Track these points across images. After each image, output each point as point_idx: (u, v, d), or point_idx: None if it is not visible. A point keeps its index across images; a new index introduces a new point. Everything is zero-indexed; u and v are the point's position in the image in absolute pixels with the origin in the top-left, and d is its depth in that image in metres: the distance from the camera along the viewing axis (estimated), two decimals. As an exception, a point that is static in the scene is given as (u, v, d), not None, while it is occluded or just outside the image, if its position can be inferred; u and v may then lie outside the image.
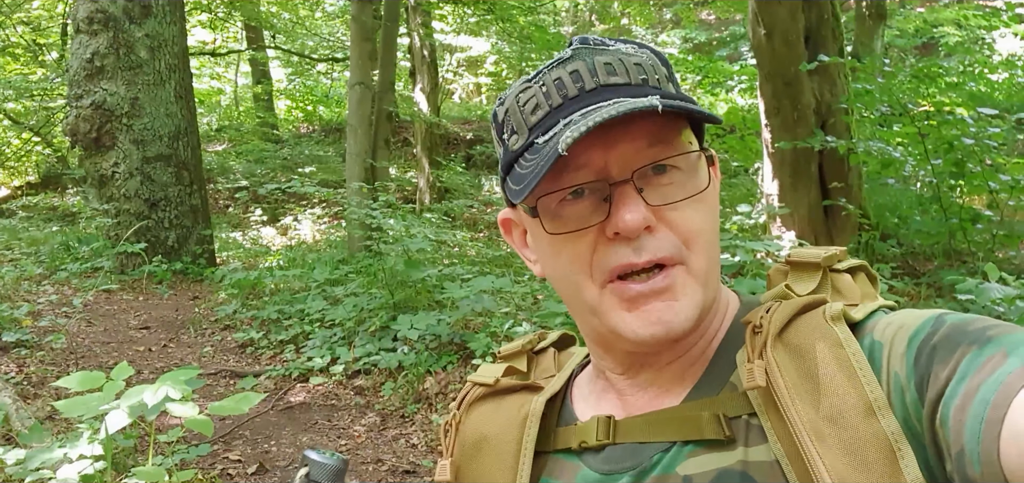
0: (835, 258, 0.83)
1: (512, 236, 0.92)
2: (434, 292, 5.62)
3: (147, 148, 8.42)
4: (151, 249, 8.29)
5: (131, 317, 6.90)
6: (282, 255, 9.02)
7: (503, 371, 0.95)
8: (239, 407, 2.64)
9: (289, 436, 4.35)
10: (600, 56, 0.79)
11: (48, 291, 7.48)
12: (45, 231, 10.68)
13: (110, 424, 2.55)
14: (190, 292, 7.91)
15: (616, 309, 0.78)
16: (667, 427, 0.79)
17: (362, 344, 5.22)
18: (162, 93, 8.51)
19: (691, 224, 0.78)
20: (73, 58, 8.50)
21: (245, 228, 11.92)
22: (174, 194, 8.58)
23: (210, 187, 13.11)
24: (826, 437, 0.68)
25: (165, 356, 5.89)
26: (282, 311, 6.25)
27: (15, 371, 5.23)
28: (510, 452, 0.87)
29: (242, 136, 16.48)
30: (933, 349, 0.66)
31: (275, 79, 18.54)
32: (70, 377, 2.56)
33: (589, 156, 0.76)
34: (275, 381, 5.15)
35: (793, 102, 6.01)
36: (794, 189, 6.24)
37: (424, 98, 12.37)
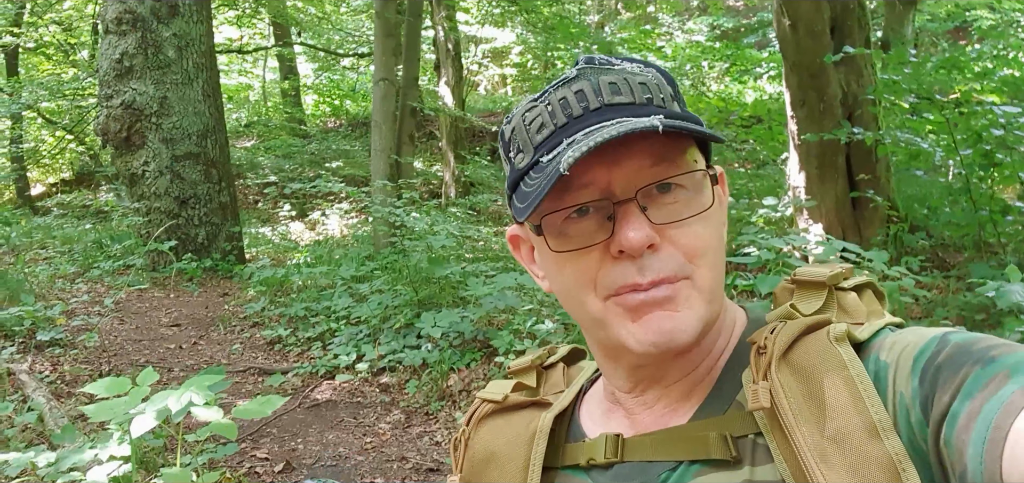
0: (841, 276, 0.82)
1: (520, 252, 0.93)
2: (458, 289, 5.64)
3: (176, 147, 8.53)
4: (181, 247, 8.41)
5: (162, 315, 7.01)
6: (309, 251, 9.10)
7: (512, 387, 0.96)
8: (262, 410, 2.68)
9: (316, 434, 4.40)
10: (605, 76, 0.80)
11: (81, 289, 7.62)
12: (78, 229, 10.87)
13: (135, 429, 2.61)
14: (220, 289, 8.02)
15: (620, 319, 0.78)
16: (675, 446, 0.80)
17: (387, 341, 5.27)
18: (190, 92, 8.62)
19: (696, 241, 0.78)
20: (102, 58, 8.63)
21: (274, 223, 12.05)
22: (203, 192, 8.69)
23: (239, 183, 13.26)
24: (830, 458, 0.68)
25: (195, 353, 5.98)
26: (309, 308, 6.32)
27: (49, 370, 5.35)
28: (519, 468, 0.88)
29: (270, 131, 16.63)
30: (937, 369, 0.66)
31: (302, 74, 18.67)
32: (97, 383, 2.62)
33: (593, 175, 0.77)
34: (302, 378, 5.21)
35: (819, 93, 5.93)
36: (821, 181, 6.17)
37: (449, 91, 12.39)
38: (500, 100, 17.88)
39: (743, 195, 7.96)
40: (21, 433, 4.14)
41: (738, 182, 8.87)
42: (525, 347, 4.56)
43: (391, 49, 8.73)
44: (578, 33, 13.38)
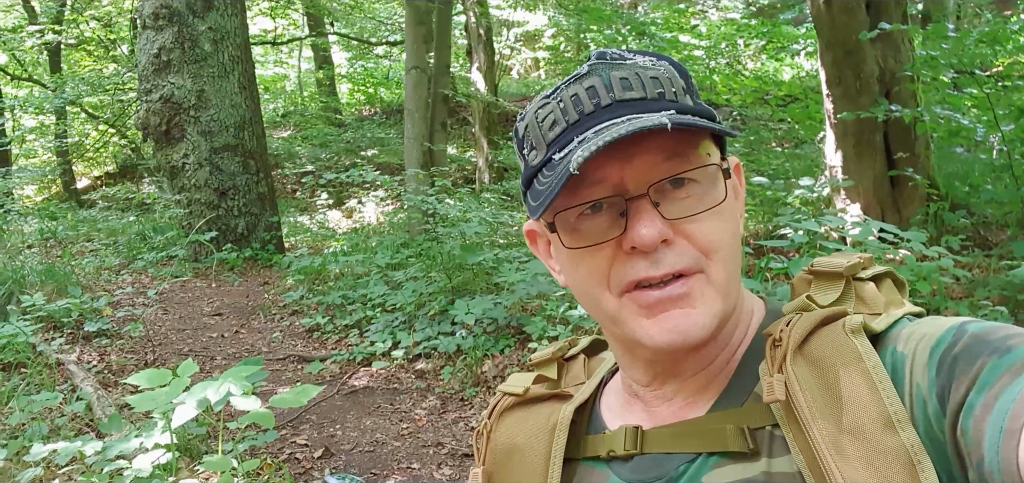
0: (858, 266, 0.82)
1: (537, 247, 0.93)
2: (491, 275, 5.68)
3: (214, 139, 8.67)
4: (222, 237, 8.57)
5: (204, 304, 7.16)
6: (345, 240, 9.21)
7: (533, 380, 0.97)
8: (298, 399, 2.74)
9: (354, 420, 4.48)
10: (616, 71, 0.80)
11: (126, 281, 7.81)
12: (123, 221, 11.12)
13: (177, 418, 2.69)
14: (260, 278, 8.16)
15: (635, 316, 0.79)
16: (692, 438, 0.80)
17: (422, 328, 5.33)
18: (226, 84, 8.75)
19: (710, 236, 0.78)
20: (141, 54, 8.80)
21: (312, 212, 12.20)
22: (242, 183, 8.83)
23: (277, 172, 13.43)
24: (846, 450, 0.69)
25: (237, 342, 6.11)
26: (346, 296, 6.41)
27: (97, 360, 5.50)
28: (540, 460, 0.89)
29: (307, 121, 16.80)
30: (954, 359, 0.66)
31: (336, 63, 18.81)
32: (140, 374, 2.70)
33: (605, 172, 0.77)
34: (340, 365, 5.30)
35: (855, 71, 5.83)
36: (858, 160, 6.07)
37: (481, 77, 12.39)
38: (533, 84, 17.83)
39: (780, 175, 7.86)
40: (70, 422, 4.27)
41: (774, 162, 8.76)
42: (558, 333, 4.58)
43: (422, 37, 8.76)
44: (611, 14, 13.27)
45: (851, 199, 6.14)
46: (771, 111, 9.04)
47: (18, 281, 6.50)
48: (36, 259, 7.86)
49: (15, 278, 6.51)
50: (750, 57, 16.56)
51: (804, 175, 7.24)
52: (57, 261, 7.83)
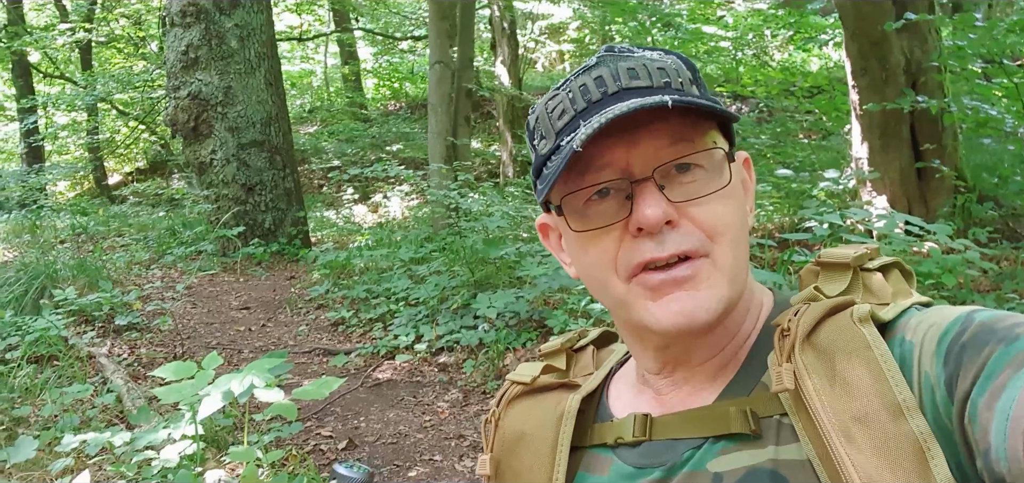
0: (865, 257, 0.83)
1: (549, 240, 0.95)
2: (514, 269, 5.70)
3: (241, 135, 8.78)
4: (249, 232, 8.68)
5: (232, 298, 7.26)
6: (370, 234, 9.28)
7: (541, 370, 0.99)
8: (320, 392, 2.79)
9: (377, 412, 4.53)
10: (624, 62, 0.82)
11: (156, 275, 7.94)
12: (153, 216, 11.29)
13: (203, 410, 2.74)
14: (287, 272, 8.25)
15: (641, 299, 0.80)
16: (699, 424, 0.81)
17: (445, 322, 5.37)
18: (253, 81, 8.85)
19: (715, 219, 0.79)
20: (169, 51, 8.92)
21: (338, 207, 12.30)
22: (268, 178, 8.93)
23: (304, 168, 13.55)
24: (855, 438, 0.69)
25: (263, 335, 6.19)
26: (370, 290, 6.46)
27: (127, 353, 5.61)
28: (547, 448, 0.90)
29: (333, 116, 16.92)
30: (962, 348, 0.67)
31: (362, 58, 18.91)
32: (166, 367, 2.76)
33: (612, 155, 0.79)
34: (364, 358, 5.35)
35: (881, 62, 5.77)
36: (884, 152, 6.02)
37: (505, 71, 12.39)
38: (558, 77, 17.79)
39: (805, 167, 7.80)
40: (101, 413, 4.36)
41: (800, 154, 8.69)
42: (579, 326, 4.59)
43: (445, 32, 8.79)
44: (636, 6, 13.20)
45: (877, 191, 6.08)
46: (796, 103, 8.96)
47: (51, 276, 6.63)
48: (68, 254, 8.00)
49: (48, 273, 6.65)
50: (777, 48, 16.39)
51: (830, 167, 7.18)
52: (89, 256, 7.98)
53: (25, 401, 4.51)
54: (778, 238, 5.61)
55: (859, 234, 5.16)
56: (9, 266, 7.21)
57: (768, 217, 7.15)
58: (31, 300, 6.27)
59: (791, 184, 6.59)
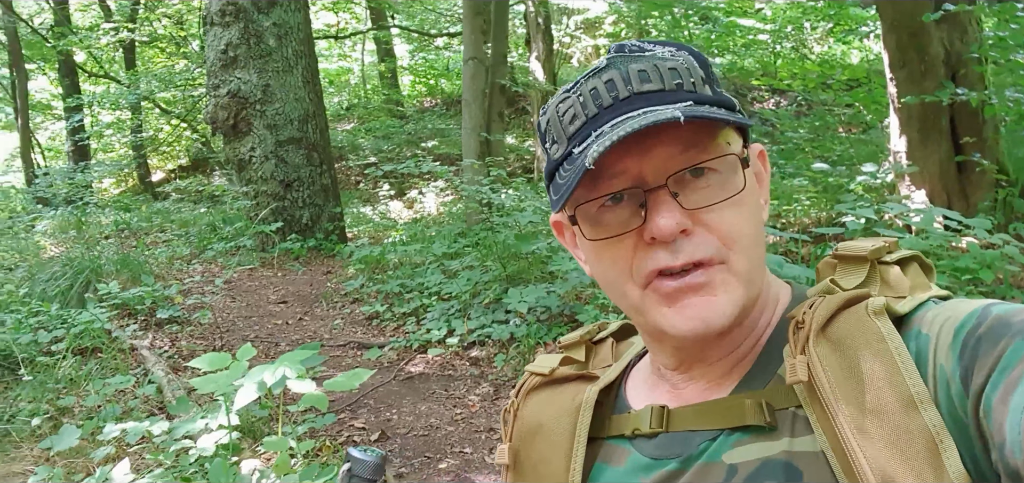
0: (883, 250, 0.83)
1: (564, 238, 0.95)
2: (546, 264, 5.72)
3: (279, 132, 8.91)
4: (287, 227, 8.81)
5: (270, 293, 7.38)
6: (404, 230, 9.37)
7: (560, 361, 1.00)
8: (350, 383, 2.84)
9: (409, 405, 4.59)
10: (635, 64, 0.82)
11: (196, 270, 8.10)
12: (194, 212, 11.51)
13: (238, 401, 2.81)
14: (323, 267, 8.36)
15: (657, 306, 0.81)
16: (715, 417, 0.82)
17: (476, 316, 5.41)
18: (290, 79, 8.97)
19: (730, 225, 0.79)
20: (209, 50, 9.09)
21: (375, 203, 12.42)
22: (306, 175, 9.05)
23: (341, 164, 13.69)
24: (868, 430, 0.69)
25: (300, 329, 6.29)
26: (404, 285, 6.53)
27: (168, 345, 5.74)
28: (565, 438, 0.91)
29: (370, 113, 17.07)
30: (978, 341, 0.67)
31: (398, 56, 19.05)
32: (201, 358, 2.83)
33: (624, 164, 0.79)
34: (397, 352, 5.42)
35: (920, 54, 5.68)
36: (923, 145, 5.92)
37: (539, 66, 12.38)
38: (593, 72, 17.68)
39: (843, 161, 7.69)
40: (142, 404, 4.49)
41: (838, 148, 8.57)
42: (610, 320, 4.60)
43: (479, 28, 8.83)
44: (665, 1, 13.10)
45: (916, 185, 5.99)
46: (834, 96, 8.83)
47: (95, 270, 6.81)
48: (112, 249, 8.21)
49: (92, 267, 6.82)
50: (817, 41, 16.16)
51: (868, 161, 7.07)
52: (132, 251, 8.17)
53: (69, 392, 4.65)
54: (813, 233, 5.55)
55: (896, 228, 5.08)
56: (55, 261, 7.42)
57: (805, 211, 7.07)
58: (76, 294, 6.45)
59: (828, 178, 6.51)
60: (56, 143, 18.21)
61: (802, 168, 7.16)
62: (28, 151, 15.08)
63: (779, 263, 3.77)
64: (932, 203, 5.64)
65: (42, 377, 4.81)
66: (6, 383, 5.05)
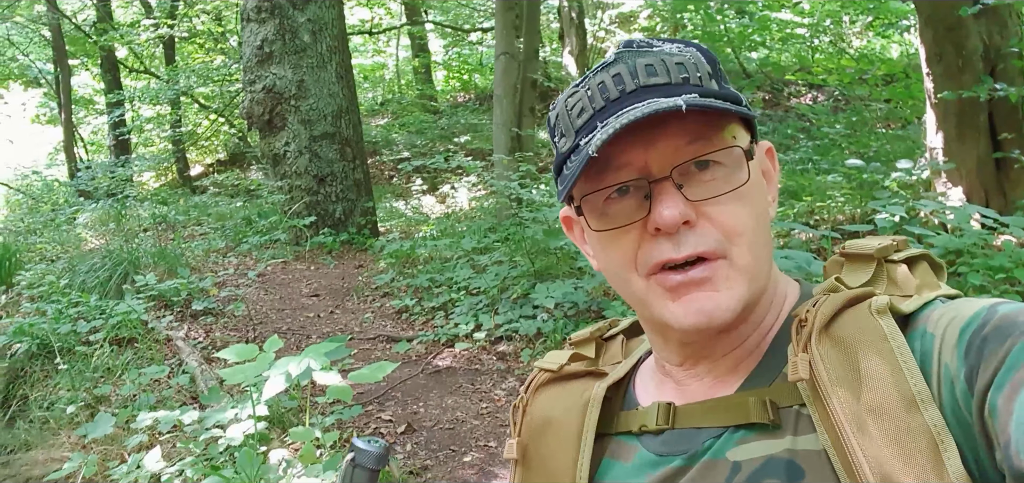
0: (890, 249, 0.83)
1: (573, 233, 0.96)
2: (574, 260, 5.72)
3: (313, 127, 9.01)
4: (320, 221, 8.92)
5: (303, 286, 7.48)
6: (435, 225, 9.42)
7: (569, 357, 1.00)
8: (375, 375, 2.88)
9: (436, 398, 4.63)
10: (642, 58, 0.82)
11: (232, 263, 8.24)
12: (230, 206, 11.69)
13: (266, 391, 2.87)
14: (355, 261, 8.45)
15: (661, 298, 0.81)
16: (720, 414, 0.83)
17: (504, 311, 5.43)
18: (324, 75, 9.07)
19: (734, 219, 0.80)
20: (245, 46, 9.22)
21: (408, 198, 12.51)
22: (339, 170, 9.15)
23: (375, 160, 13.81)
24: (868, 429, 0.69)
25: (331, 321, 6.37)
26: (433, 279, 6.58)
27: (203, 336, 5.86)
28: (573, 434, 0.92)
29: (403, 109, 17.17)
30: (983, 340, 0.67)
31: (433, 51, 19.14)
32: (229, 349, 2.89)
33: (630, 156, 0.80)
34: (426, 346, 5.47)
35: (957, 48, 5.56)
36: (960, 142, 5.80)
37: (573, 61, 12.38)
38: (628, 67, 17.58)
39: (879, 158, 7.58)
40: (176, 394, 4.59)
41: (874, 143, 8.44)
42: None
43: (511, 22, 8.83)
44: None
45: (952, 183, 5.87)
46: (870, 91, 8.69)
47: (133, 262, 6.96)
48: (150, 242, 8.37)
49: (130, 259, 6.97)
50: (856, 35, 15.90)
51: (904, 158, 6.96)
52: (169, 244, 8.32)
53: (106, 381, 4.77)
54: (845, 231, 5.48)
55: (931, 226, 5.00)
56: (95, 253, 7.59)
57: (839, 208, 6.98)
58: (114, 285, 6.60)
59: (862, 174, 6.42)
60: (98, 137, 18.59)
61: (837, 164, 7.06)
62: (71, 145, 15.42)
63: (807, 260, 3.74)
64: (969, 201, 5.53)
65: (80, 366, 4.94)
66: (46, 371, 5.20)
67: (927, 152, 6.23)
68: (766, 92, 13.34)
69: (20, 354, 5.34)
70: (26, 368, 5.31)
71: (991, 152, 5.72)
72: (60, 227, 10.71)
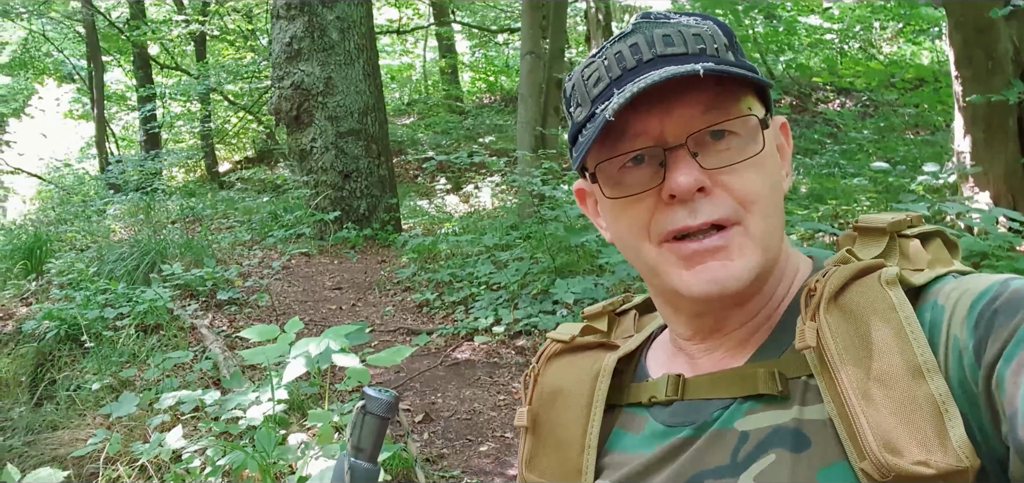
0: (903, 223, 0.83)
1: (586, 205, 0.97)
2: (595, 257, 5.73)
3: (340, 124, 9.10)
4: (344, 216, 9.00)
5: (326, 279, 7.55)
6: (457, 222, 9.47)
7: (581, 330, 1.01)
8: (392, 359, 2.92)
9: (454, 390, 4.66)
10: (659, 29, 0.83)
11: (257, 255, 8.34)
12: (257, 201, 11.82)
13: (287, 375, 2.92)
14: (378, 256, 8.51)
15: (674, 267, 0.82)
16: (729, 385, 0.83)
17: (524, 306, 5.45)
18: (352, 72, 9.15)
19: (748, 187, 0.80)
20: (274, 42, 9.33)
21: (432, 196, 12.57)
22: (364, 166, 9.22)
23: (400, 158, 13.89)
24: (874, 397, 0.70)
25: (353, 314, 6.43)
26: (454, 274, 6.62)
27: (227, 325, 5.93)
28: (583, 404, 0.93)
29: (429, 109, 17.26)
30: (994, 313, 0.67)
31: (459, 52, 19.22)
32: (250, 329, 2.94)
33: (646, 124, 0.80)
34: (445, 339, 5.50)
35: (986, 51, 5.50)
36: (989, 146, 5.73)
37: (599, 63, 12.36)
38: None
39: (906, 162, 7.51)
40: (199, 379, 4.66)
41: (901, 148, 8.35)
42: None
43: (538, 22, 8.86)
44: (728, 0, 12.91)
45: (980, 187, 5.80)
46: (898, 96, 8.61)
47: (161, 252, 7.07)
48: (177, 234, 8.50)
49: (158, 249, 7.09)
50: (886, 41, 15.75)
51: (932, 162, 6.89)
52: (196, 236, 8.44)
53: (131, 365, 4.85)
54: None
55: (957, 229, 4.95)
56: (123, 243, 7.72)
57: (864, 212, 6.92)
58: (142, 274, 6.71)
59: (888, 178, 6.37)
60: (129, 133, 18.88)
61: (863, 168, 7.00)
62: (103, 140, 15.66)
63: (828, 258, 3.71)
64: (997, 205, 5.46)
65: (107, 350, 5.03)
66: (73, 356, 5.30)
67: (954, 156, 6.16)
68: (794, 97, 13.24)
69: (49, 338, 5.45)
70: (54, 352, 5.41)
71: (1020, 157, 5.65)
72: (90, 218, 10.89)
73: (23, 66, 19.10)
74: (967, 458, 0.65)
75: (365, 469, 0.95)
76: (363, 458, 0.96)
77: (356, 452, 0.96)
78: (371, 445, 0.97)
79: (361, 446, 0.96)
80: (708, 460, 0.81)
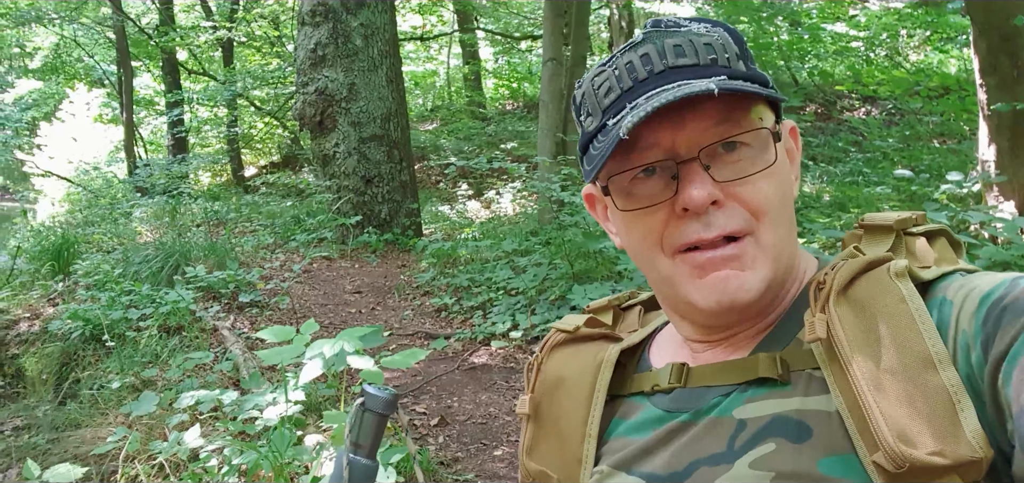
0: (910, 221, 0.84)
1: (596, 211, 0.98)
2: (614, 263, 5.72)
3: (363, 129, 9.17)
4: (366, 221, 9.07)
5: (346, 282, 7.61)
6: (477, 227, 9.50)
7: (585, 321, 1.02)
8: (407, 362, 2.94)
9: (470, 394, 4.68)
10: (670, 38, 0.83)
11: (279, 259, 8.42)
12: (281, 205, 11.95)
13: (303, 376, 2.95)
14: (398, 261, 8.56)
15: (687, 278, 0.82)
16: (731, 374, 0.84)
17: (541, 312, 5.46)
18: (375, 78, 9.23)
19: (760, 198, 0.81)
20: (299, 49, 9.43)
21: (453, 202, 12.62)
22: (386, 171, 9.29)
23: (423, 164, 13.96)
24: (885, 388, 0.69)
25: (372, 317, 6.47)
26: (473, 279, 6.64)
27: (247, 327, 6.00)
28: (585, 393, 0.94)
29: (452, 115, 17.34)
30: (1003, 311, 0.67)
31: (483, 59, 19.29)
32: (267, 329, 2.98)
33: (658, 136, 0.81)
34: (463, 343, 5.52)
35: (1012, 58, 5.44)
36: (1014, 154, 5.66)
37: (621, 70, 12.33)
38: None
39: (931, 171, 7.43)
40: (219, 379, 4.71)
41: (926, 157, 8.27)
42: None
43: (560, 29, 8.88)
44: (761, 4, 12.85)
45: (1005, 196, 5.73)
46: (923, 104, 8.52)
47: (184, 254, 7.16)
48: (201, 236, 8.60)
49: (182, 252, 7.18)
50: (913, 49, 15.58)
51: (957, 171, 6.81)
52: (219, 239, 8.55)
53: (153, 365, 4.93)
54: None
55: (979, 238, 4.90)
56: (149, 245, 7.84)
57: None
58: (166, 276, 6.80)
59: (911, 186, 6.30)
60: (157, 137, 19.15)
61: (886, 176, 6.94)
62: (131, 143, 15.91)
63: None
64: (1022, 214, 5.40)
65: (129, 351, 5.11)
66: (97, 356, 5.39)
67: (979, 165, 6.09)
68: (818, 104, 13.15)
69: (74, 338, 5.55)
70: (79, 352, 5.51)
71: (1046, 166, 5.58)
72: (117, 221, 11.06)
73: (54, 71, 19.47)
74: (981, 448, 0.65)
75: (363, 465, 0.97)
76: (362, 454, 0.98)
77: (355, 448, 0.98)
78: (370, 441, 0.99)
79: (360, 442, 0.98)
80: (704, 447, 0.81)
